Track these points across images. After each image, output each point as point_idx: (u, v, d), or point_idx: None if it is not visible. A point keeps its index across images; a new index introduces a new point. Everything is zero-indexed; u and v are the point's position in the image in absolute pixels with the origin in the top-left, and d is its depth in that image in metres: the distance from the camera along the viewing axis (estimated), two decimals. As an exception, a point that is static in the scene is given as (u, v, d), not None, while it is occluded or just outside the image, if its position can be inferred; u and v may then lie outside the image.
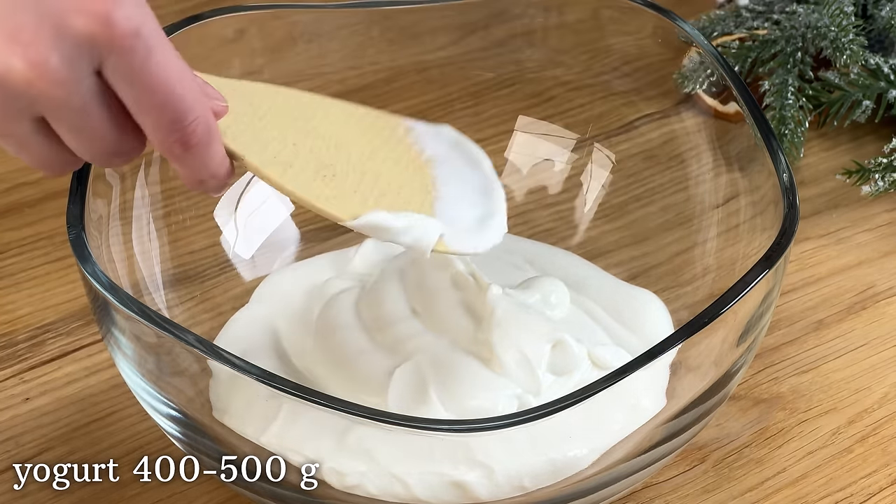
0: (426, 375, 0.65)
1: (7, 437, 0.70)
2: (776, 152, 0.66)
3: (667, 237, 0.76)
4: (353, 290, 0.72)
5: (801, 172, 0.87)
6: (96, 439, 0.70)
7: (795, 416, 0.72)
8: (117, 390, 0.72)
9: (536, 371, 0.66)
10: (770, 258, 0.61)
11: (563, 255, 0.77)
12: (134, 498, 0.67)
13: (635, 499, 0.68)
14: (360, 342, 0.68)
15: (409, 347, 0.67)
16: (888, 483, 0.69)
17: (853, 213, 0.85)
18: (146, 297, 0.70)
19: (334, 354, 0.68)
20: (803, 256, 0.81)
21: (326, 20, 0.77)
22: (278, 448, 0.62)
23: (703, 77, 0.79)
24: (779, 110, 0.86)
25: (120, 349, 0.62)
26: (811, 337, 0.77)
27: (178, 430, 0.63)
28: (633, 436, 0.64)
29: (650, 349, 0.58)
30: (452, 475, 0.62)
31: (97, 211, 0.66)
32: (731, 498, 0.68)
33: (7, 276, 0.79)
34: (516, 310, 0.68)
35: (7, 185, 0.85)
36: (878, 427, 0.72)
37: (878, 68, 0.87)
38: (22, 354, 0.75)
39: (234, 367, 0.57)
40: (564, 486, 0.63)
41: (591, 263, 0.77)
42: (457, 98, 0.82)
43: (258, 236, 0.77)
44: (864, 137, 0.90)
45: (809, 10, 0.89)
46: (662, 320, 0.73)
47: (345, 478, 0.62)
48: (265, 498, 0.63)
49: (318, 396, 0.56)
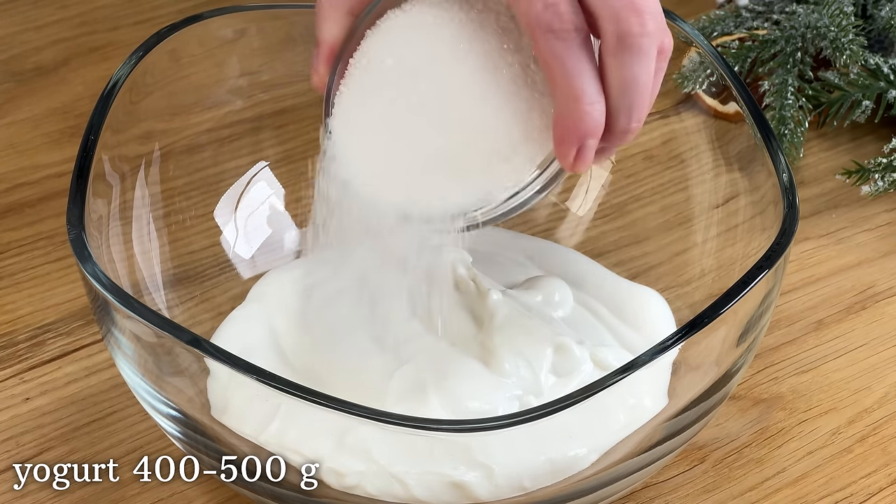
0: (426, 377, 0.65)
1: (7, 437, 0.70)
2: (776, 152, 0.66)
3: (667, 237, 0.76)
4: (353, 289, 0.72)
5: (801, 172, 0.87)
6: (96, 439, 0.70)
7: (795, 416, 0.72)
8: (117, 390, 0.72)
9: (538, 374, 0.66)
10: (770, 258, 0.61)
11: (564, 251, 0.77)
12: (134, 498, 0.67)
13: (635, 499, 0.68)
14: (360, 343, 0.68)
15: (410, 349, 0.67)
16: (888, 483, 0.69)
17: (853, 213, 0.85)
18: (146, 297, 0.70)
19: (334, 354, 0.68)
20: (803, 256, 0.81)
21: (326, 20, 0.77)
22: (277, 447, 0.62)
23: (703, 77, 0.79)
24: (779, 110, 0.86)
25: (120, 349, 0.62)
26: (811, 337, 0.77)
27: (178, 430, 0.63)
28: (634, 435, 0.64)
29: (649, 350, 0.58)
30: (452, 475, 0.62)
31: (97, 211, 0.66)
32: (731, 498, 0.68)
33: (7, 276, 0.79)
34: (517, 315, 0.68)
35: (7, 185, 0.85)
36: (878, 427, 0.72)
37: (877, 68, 0.87)
38: (22, 354, 0.75)
39: (234, 368, 0.57)
40: (564, 486, 0.63)
41: (592, 260, 0.77)
42: (457, 98, 0.82)
43: (258, 236, 0.77)
44: (863, 137, 0.90)
45: (809, 10, 0.89)
46: (665, 318, 0.73)
47: (343, 478, 0.62)
48: (265, 498, 0.63)
49: (318, 396, 0.56)
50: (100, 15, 1.00)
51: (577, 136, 0.56)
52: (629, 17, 0.54)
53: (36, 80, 0.94)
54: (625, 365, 0.58)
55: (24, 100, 0.92)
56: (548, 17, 0.54)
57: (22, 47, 0.97)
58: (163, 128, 0.74)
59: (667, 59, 0.56)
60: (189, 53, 0.73)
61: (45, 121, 0.90)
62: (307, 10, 0.76)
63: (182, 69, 0.73)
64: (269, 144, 0.78)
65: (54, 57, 0.96)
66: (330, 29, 0.61)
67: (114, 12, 1.00)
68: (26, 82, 0.94)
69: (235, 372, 0.57)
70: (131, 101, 0.69)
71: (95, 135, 0.65)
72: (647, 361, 0.58)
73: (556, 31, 0.54)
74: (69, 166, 0.67)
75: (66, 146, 0.88)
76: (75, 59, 0.96)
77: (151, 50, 0.70)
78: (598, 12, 0.54)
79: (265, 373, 0.57)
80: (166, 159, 0.73)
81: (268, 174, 0.78)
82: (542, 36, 0.54)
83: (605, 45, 0.55)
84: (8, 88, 0.93)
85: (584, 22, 0.55)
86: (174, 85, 0.73)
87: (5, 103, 0.92)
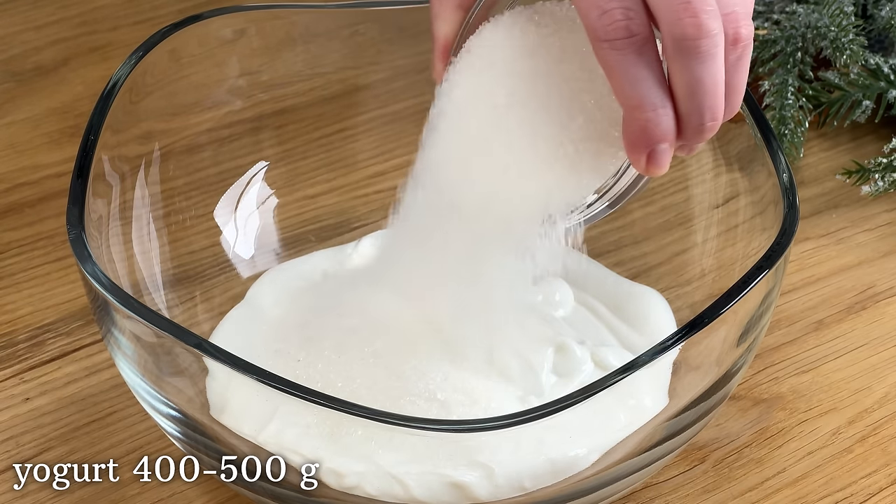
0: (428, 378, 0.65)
1: (7, 437, 0.70)
2: (776, 152, 0.66)
3: (667, 237, 0.76)
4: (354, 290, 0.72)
5: (801, 172, 0.87)
6: (96, 439, 0.70)
7: (795, 416, 0.72)
8: (117, 390, 0.72)
9: (540, 374, 0.66)
10: (770, 258, 0.61)
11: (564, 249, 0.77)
12: (134, 498, 0.67)
13: (635, 499, 0.68)
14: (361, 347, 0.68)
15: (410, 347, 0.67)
16: (888, 483, 0.69)
17: (853, 213, 0.85)
18: (146, 297, 0.70)
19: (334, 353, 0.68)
20: (803, 256, 0.81)
21: (326, 20, 0.77)
22: (276, 447, 0.62)
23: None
24: (779, 110, 0.86)
25: (120, 349, 0.62)
26: (811, 337, 0.77)
27: (178, 430, 0.63)
28: (634, 435, 0.64)
29: (649, 350, 0.58)
30: (452, 476, 0.62)
31: (97, 211, 0.66)
32: (731, 498, 0.68)
33: (7, 276, 0.79)
34: (518, 315, 0.68)
35: (7, 185, 0.85)
36: (878, 427, 0.72)
37: (878, 68, 0.87)
38: (22, 354, 0.75)
39: (234, 368, 0.57)
40: (564, 486, 0.63)
41: (592, 260, 0.77)
42: (457, 98, 0.82)
43: (258, 236, 0.77)
44: (864, 137, 0.90)
45: (809, 10, 0.89)
46: (665, 318, 0.73)
47: (343, 478, 0.62)
48: (265, 498, 0.63)
49: (318, 396, 0.56)
50: (100, 15, 1.00)
51: (643, 142, 0.55)
52: (683, 20, 0.53)
53: (36, 80, 0.94)
54: (624, 365, 0.58)
55: (24, 100, 0.92)
56: (602, 26, 0.53)
57: (22, 47, 0.97)
58: (163, 128, 0.74)
59: (745, 47, 0.55)
60: (189, 53, 0.73)
61: (45, 121, 0.90)
62: (307, 10, 0.76)
63: (182, 69, 0.73)
64: (269, 144, 0.78)
65: (54, 57, 0.96)
66: (441, 26, 0.61)
67: (114, 12, 1.00)
68: (26, 82, 0.94)
69: (235, 372, 0.57)
70: (131, 101, 0.69)
71: (95, 135, 0.65)
72: (647, 362, 0.58)
73: (611, 40, 0.54)
74: (69, 166, 0.67)
75: (66, 146, 0.88)
76: (75, 59, 0.96)
77: (151, 50, 0.70)
78: (656, 14, 0.53)
79: (265, 373, 0.57)
80: (166, 159, 0.73)
81: (268, 174, 0.78)
82: (597, 46, 0.54)
83: (665, 48, 0.54)
84: (8, 88, 0.93)
85: (645, 24, 0.54)
86: (174, 85, 0.73)
87: (5, 103, 0.92)
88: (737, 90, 0.56)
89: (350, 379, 0.67)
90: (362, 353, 0.67)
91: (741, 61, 0.55)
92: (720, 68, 0.54)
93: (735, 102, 0.56)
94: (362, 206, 0.80)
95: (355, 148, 0.81)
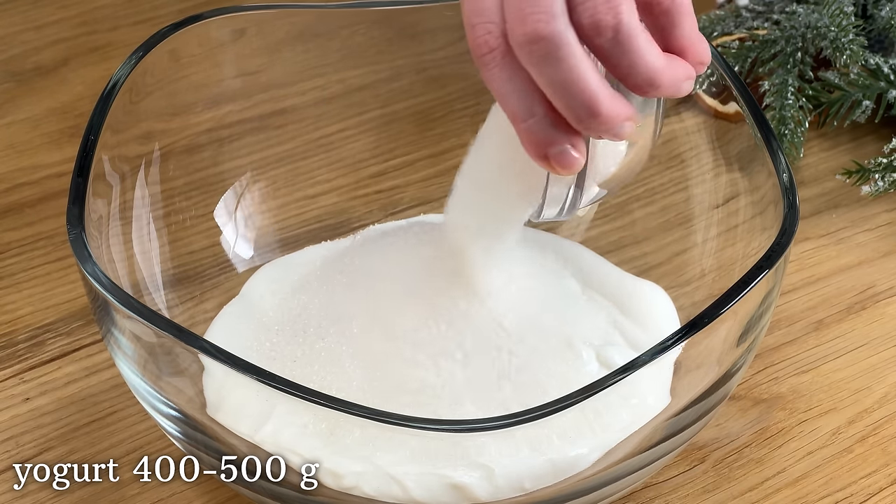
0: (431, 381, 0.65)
1: (7, 437, 0.70)
2: (776, 152, 0.66)
3: (667, 237, 0.76)
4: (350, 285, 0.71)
5: (801, 172, 0.87)
6: (96, 439, 0.70)
7: (795, 416, 0.72)
8: (117, 390, 0.72)
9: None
10: (770, 258, 0.61)
11: (569, 244, 0.77)
12: (134, 498, 0.67)
13: (635, 499, 0.68)
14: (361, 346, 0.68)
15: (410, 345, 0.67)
16: (888, 483, 0.69)
17: (853, 213, 0.85)
18: (146, 297, 0.70)
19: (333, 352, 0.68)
20: (803, 256, 0.81)
21: (326, 20, 0.77)
22: (273, 446, 0.62)
23: (703, 77, 0.79)
24: (779, 110, 0.86)
25: (120, 349, 0.62)
26: (811, 337, 0.77)
27: (177, 430, 0.63)
28: (635, 435, 0.64)
29: (649, 350, 0.58)
30: (451, 476, 0.61)
31: (97, 211, 0.66)
32: (731, 498, 0.68)
33: (7, 276, 0.79)
34: None
35: (7, 185, 0.85)
36: (878, 427, 0.72)
37: (878, 68, 0.87)
38: (22, 354, 0.75)
39: (235, 368, 0.57)
40: (564, 486, 0.63)
41: (597, 255, 0.77)
42: (457, 98, 0.82)
43: (258, 236, 0.77)
44: (864, 137, 0.90)
45: (809, 10, 0.89)
46: (669, 314, 0.73)
47: (341, 479, 0.62)
48: (265, 498, 0.63)
49: (317, 396, 0.56)
50: (100, 15, 1.00)
51: (533, 149, 0.56)
52: (516, 30, 0.53)
53: (36, 80, 0.94)
54: (624, 365, 0.58)
55: (24, 100, 0.92)
56: (471, 42, 0.54)
57: (22, 47, 0.97)
58: (163, 128, 0.74)
59: (616, 30, 0.52)
60: (189, 53, 0.73)
61: (45, 121, 0.90)
62: (307, 10, 0.76)
63: (182, 69, 0.73)
64: (269, 144, 0.78)
65: (54, 57, 0.96)
66: None
67: (114, 12, 1.00)
68: (26, 82, 0.94)
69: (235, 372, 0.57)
70: (131, 101, 0.69)
71: (95, 135, 0.65)
72: (648, 361, 0.58)
73: (477, 56, 0.54)
74: (69, 166, 0.67)
75: (66, 146, 0.88)
76: (75, 59, 0.96)
77: (151, 50, 0.70)
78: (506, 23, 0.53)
79: (266, 373, 0.57)
80: (166, 159, 0.73)
81: (268, 174, 0.78)
82: (477, 65, 0.54)
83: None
84: (8, 88, 0.93)
85: (502, 35, 0.53)
86: (174, 85, 0.73)
87: (5, 103, 0.92)
88: (646, 67, 0.54)
89: (348, 379, 0.67)
90: (358, 349, 0.67)
91: (619, 45, 0.53)
92: (576, 65, 0.53)
93: (657, 76, 0.54)
94: (362, 206, 0.80)
95: (355, 148, 0.81)
